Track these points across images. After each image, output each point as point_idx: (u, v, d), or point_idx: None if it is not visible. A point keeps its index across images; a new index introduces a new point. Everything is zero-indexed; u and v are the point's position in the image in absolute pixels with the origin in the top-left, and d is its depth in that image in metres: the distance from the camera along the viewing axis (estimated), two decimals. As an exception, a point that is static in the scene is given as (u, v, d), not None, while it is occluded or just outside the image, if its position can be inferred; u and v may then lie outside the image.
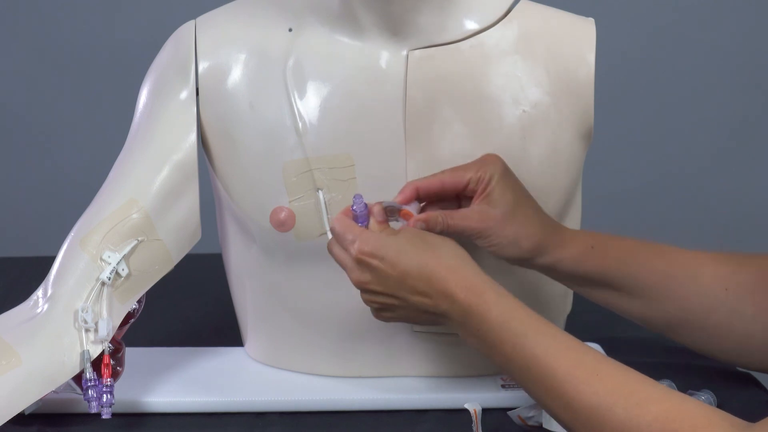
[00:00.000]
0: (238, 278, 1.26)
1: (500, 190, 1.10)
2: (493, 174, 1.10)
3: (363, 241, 1.05)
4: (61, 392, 1.14)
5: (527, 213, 1.11)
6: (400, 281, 1.03)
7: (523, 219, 1.11)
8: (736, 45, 2.47)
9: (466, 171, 1.11)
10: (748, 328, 1.11)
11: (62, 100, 2.53)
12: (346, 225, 1.07)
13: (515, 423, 1.13)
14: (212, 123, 1.18)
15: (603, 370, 0.94)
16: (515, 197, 1.11)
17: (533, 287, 1.20)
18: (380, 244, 1.04)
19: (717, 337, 1.13)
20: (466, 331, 1.02)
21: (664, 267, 1.13)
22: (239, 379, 1.22)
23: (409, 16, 1.14)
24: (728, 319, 1.12)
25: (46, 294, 1.16)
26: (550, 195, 1.17)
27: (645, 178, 2.53)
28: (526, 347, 0.97)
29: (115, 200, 1.17)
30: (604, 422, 0.91)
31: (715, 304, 1.12)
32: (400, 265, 1.03)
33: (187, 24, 1.20)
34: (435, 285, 1.02)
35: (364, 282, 1.05)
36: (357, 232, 1.06)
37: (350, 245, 1.05)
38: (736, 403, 1.17)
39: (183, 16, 1.23)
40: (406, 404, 1.19)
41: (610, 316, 1.48)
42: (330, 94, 1.16)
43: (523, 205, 1.11)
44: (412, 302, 1.03)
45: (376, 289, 1.05)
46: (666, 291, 1.14)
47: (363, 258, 1.04)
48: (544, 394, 0.96)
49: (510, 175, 1.12)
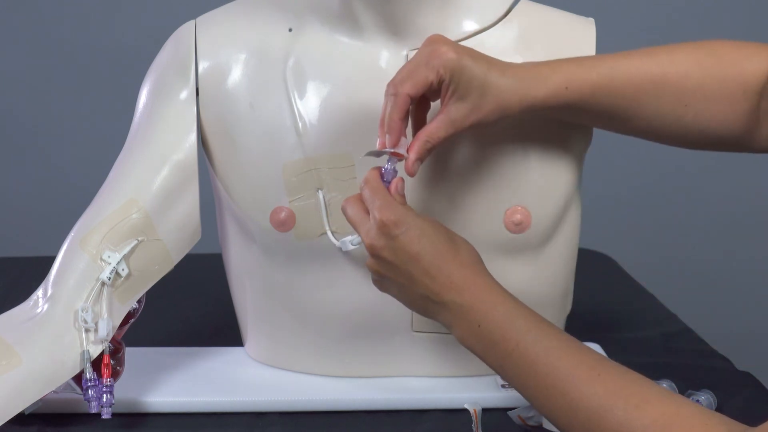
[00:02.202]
0: (238, 278, 1.26)
1: (464, 84, 1.06)
2: (448, 74, 1.05)
3: (393, 209, 1.03)
4: (61, 392, 1.14)
5: (498, 83, 1.07)
6: (414, 259, 1.02)
7: (496, 90, 1.07)
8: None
9: (422, 80, 1.05)
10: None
11: (62, 100, 2.53)
12: (379, 188, 1.05)
13: (515, 423, 1.13)
14: (212, 123, 1.18)
15: (604, 371, 0.94)
16: (480, 79, 1.06)
17: (533, 288, 1.20)
18: (408, 218, 1.03)
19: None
20: (463, 325, 1.01)
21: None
22: (239, 379, 1.22)
23: (409, 16, 1.14)
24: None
25: (46, 294, 1.16)
26: (550, 195, 1.17)
27: (645, 178, 2.53)
28: (529, 345, 0.97)
29: (115, 200, 1.17)
30: (602, 423, 0.91)
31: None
32: (419, 243, 1.02)
33: (187, 24, 1.20)
34: (446, 273, 1.02)
35: (378, 247, 1.03)
36: (388, 199, 1.04)
37: (377, 208, 1.03)
38: (736, 403, 1.17)
39: (183, 16, 1.23)
40: (406, 404, 1.19)
41: (610, 316, 1.49)
42: (330, 94, 1.16)
43: (492, 77, 1.07)
44: (416, 282, 1.03)
45: (386, 257, 1.03)
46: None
47: (387, 224, 1.02)
48: (543, 392, 0.96)
49: (462, 57, 1.06)
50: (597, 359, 0.95)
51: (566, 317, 1.27)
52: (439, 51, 1.05)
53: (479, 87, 1.06)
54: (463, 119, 1.06)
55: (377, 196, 1.04)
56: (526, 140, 1.16)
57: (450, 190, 1.16)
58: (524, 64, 1.10)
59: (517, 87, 1.07)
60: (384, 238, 1.03)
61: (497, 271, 1.06)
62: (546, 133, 1.17)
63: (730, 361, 1.33)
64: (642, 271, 1.81)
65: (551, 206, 1.17)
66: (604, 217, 2.41)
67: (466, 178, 1.16)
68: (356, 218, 1.06)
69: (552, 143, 1.17)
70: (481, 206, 1.17)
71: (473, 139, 1.16)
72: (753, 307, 2.52)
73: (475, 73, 1.05)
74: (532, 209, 1.17)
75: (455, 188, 1.16)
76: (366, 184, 1.05)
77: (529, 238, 1.18)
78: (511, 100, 1.07)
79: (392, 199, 1.05)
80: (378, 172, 1.06)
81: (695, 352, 1.36)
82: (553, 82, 1.08)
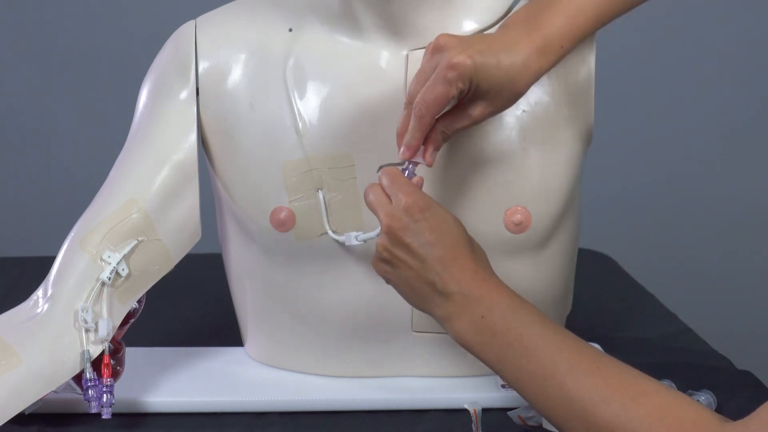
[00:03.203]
0: (238, 278, 1.26)
1: (482, 85, 1.05)
2: (467, 83, 1.04)
3: (421, 195, 1.04)
4: (61, 392, 1.14)
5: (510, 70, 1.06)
6: (432, 244, 1.03)
7: (507, 79, 1.06)
8: (736, 45, 2.47)
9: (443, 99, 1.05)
10: None
11: (62, 100, 2.53)
12: (401, 175, 1.06)
13: (515, 423, 1.13)
14: (212, 123, 1.18)
15: (602, 364, 0.96)
16: (494, 76, 1.05)
17: (534, 288, 1.20)
18: (434, 207, 1.04)
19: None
20: (465, 317, 1.02)
21: None
22: (239, 379, 1.22)
23: (409, 16, 1.14)
24: None
25: (46, 294, 1.16)
26: (550, 195, 1.17)
27: (645, 178, 2.53)
28: (531, 337, 0.99)
29: (115, 200, 1.17)
30: (597, 414, 0.93)
31: None
32: (440, 231, 1.03)
33: (187, 24, 1.20)
34: (459, 264, 1.03)
35: (397, 227, 1.03)
36: (414, 187, 1.05)
37: (405, 192, 1.04)
38: (736, 403, 1.17)
39: (183, 16, 1.23)
40: (406, 404, 1.19)
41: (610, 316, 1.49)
42: (330, 94, 1.16)
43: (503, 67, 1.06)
44: (428, 268, 1.03)
45: (403, 237, 1.03)
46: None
47: (414, 207, 1.03)
48: (541, 385, 0.97)
49: (475, 58, 1.04)
50: (595, 353, 0.97)
51: (566, 317, 1.27)
52: (453, 62, 1.03)
53: (496, 84, 1.06)
54: (481, 112, 1.07)
55: (403, 183, 1.05)
56: (526, 140, 1.16)
57: (450, 190, 1.16)
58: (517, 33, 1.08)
59: (523, 67, 1.06)
60: (407, 218, 1.03)
61: (498, 271, 1.06)
62: (546, 133, 1.17)
63: (729, 360, 1.33)
64: (642, 271, 1.81)
65: (551, 206, 1.17)
66: (604, 217, 2.41)
67: (466, 178, 1.16)
68: (378, 200, 1.05)
69: (552, 143, 1.17)
70: (481, 206, 1.17)
71: (473, 139, 1.16)
72: (753, 307, 2.52)
73: (490, 71, 1.05)
74: (532, 209, 1.17)
75: (455, 188, 1.16)
76: (387, 176, 1.06)
77: (529, 238, 1.18)
78: (522, 85, 1.07)
79: (418, 188, 1.06)
80: (398, 170, 1.07)
81: (695, 352, 1.36)
82: (551, 48, 1.08)
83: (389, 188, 1.05)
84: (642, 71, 2.49)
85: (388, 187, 1.05)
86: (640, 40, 2.46)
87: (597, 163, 1.77)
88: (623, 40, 2.42)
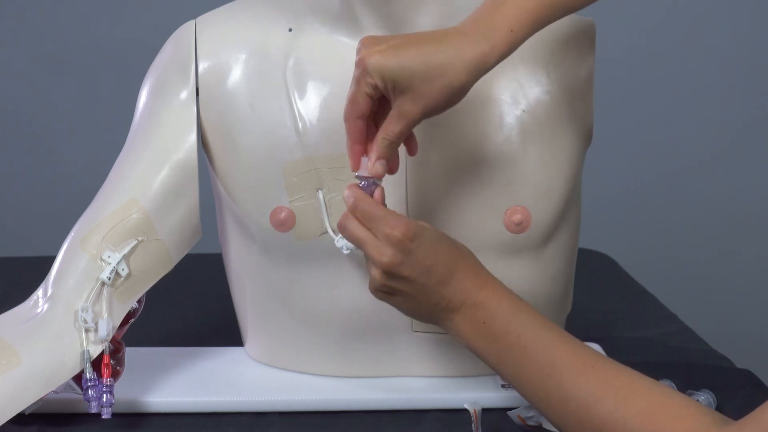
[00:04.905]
0: (238, 278, 1.26)
1: (399, 79, 1.02)
2: (379, 79, 1.02)
3: (401, 222, 1.02)
4: (61, 392, 1.14)
5: (437, 62, 1.02)
6: (429, 271, 1.02)
7: (437, 70, 1.02)
8: (735, 45, 2.47)
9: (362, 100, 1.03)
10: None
11: (62, 100, 2.54)
12: (372, 204, 1.04)
13: (515, 423, 1.13)
14: (212, 123, 1.18)
15: (598, 363, 0.97)
16: (412, 68, 1.02)
17: (534, 288, 1.20)
18: (417, 229, 1.03)
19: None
20: (468, 325, 1.02)
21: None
22: (239, 379, 1.22)
23: (409, 16, 1.14)
24: None
25: (47, 294, 1.16)
26: (550, 195, 1.17)
27: (645, 178, 2.53)
28: (529, 338, 1.00)
29: (115, 200, 1.17)
30: (592, 411, 0.94)
31: None
32: (434, 255, 1.03)
33: (187, 24, 1.20)
34: (458, 278, 1.03)
35: (396, 264, 1.02)
36: (390, 212, 1.03)
37: (389, 225, 1.02)
38: (736, 403, 1.17)
39: (183, 16, 1.23)
40: (406, 404, 1.19)
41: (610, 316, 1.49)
42: (330, 94, 1.16)
43: (426, 59, 1.02)
44: (429, 293, 1.03)
45: (403, 273, 1.02)
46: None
47: (404, 240, 1.02)
48: (540, 384, 0.98)
49: (386, 54, 1.02)
50: (592, 353, 0.99)
51: (566, 317, 1.27)
52: (364, 61, 1.02)
53: (417, 75, 1.02)
54: (412, 109, 1.03)
55: (377, 211, 1.03)
56: (526, 140, 1.16)
57: (450, 190, 1.16)
58: (457, 26, 1.04)
59: (455, 57, 1.02)
60: (401, 255, 1.02)
61: (498, 271, 1.06)
62: (546, 133, 1.17)
63: (729, 360, 1.33)
64: (642, 271, 1.81)
65: (551, 206, 1.17)
66: (604, 217, 2.41)
67: (467, 179, 1.16)
68: (362, 236, 1.04)
69: (552, 143, 1.17)
70: (481, 206, 1.17)
71: (473, 140, 1.16)
72: (753, 307, 2.52)
73: (405, 64, 1.01)
74: (532, 209, 1.17)
75: (455, 189, 1.16)
76: (356, 201, 1.04)
77: (529, 238, 1.18)
78: (457, 75, 1.02)
79: (393, 211, 1.04)
80: (359, 189, 1.05)
81: (695, 352, 1.36)
82: (496, 33, 1.02)
83: (366, 221, 1.03)
84: (642, 71, 2.49)
85: (363, 218, 1.04)
86: (640, 40, 2.46)
87: (597, 163, 1.77)
88: (623, 40, 2.42)
